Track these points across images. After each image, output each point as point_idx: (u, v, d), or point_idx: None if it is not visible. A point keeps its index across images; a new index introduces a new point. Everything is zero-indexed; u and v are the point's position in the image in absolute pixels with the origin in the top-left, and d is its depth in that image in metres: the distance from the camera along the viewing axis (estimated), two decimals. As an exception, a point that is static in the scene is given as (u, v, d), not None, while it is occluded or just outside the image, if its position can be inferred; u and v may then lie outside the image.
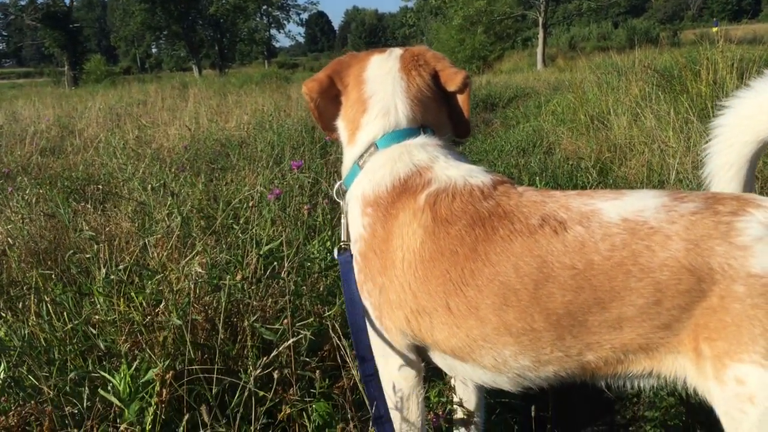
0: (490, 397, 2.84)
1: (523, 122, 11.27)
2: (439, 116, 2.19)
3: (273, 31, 76.06)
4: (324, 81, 2.19)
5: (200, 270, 2.65)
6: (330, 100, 2.23)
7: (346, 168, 2.18)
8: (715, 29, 9.64)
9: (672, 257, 1.57)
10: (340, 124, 2.23)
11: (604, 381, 1.82)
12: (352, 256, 2.01)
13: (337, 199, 2.18)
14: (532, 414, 2.74)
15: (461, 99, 2.17)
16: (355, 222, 2.00)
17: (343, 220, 2.12)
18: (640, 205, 1.66)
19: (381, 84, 2.13)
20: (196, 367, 2.28)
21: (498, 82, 20.77)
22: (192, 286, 2.50)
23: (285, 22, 73.35)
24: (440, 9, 46.99)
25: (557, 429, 2.87)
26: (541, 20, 37.92)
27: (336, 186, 2.19)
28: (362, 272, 1.96)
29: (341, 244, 2.08)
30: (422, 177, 1.93)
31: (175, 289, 2.59)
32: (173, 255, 3.28)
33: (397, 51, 2.23)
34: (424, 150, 2.01)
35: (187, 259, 2.88)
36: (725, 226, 1.56)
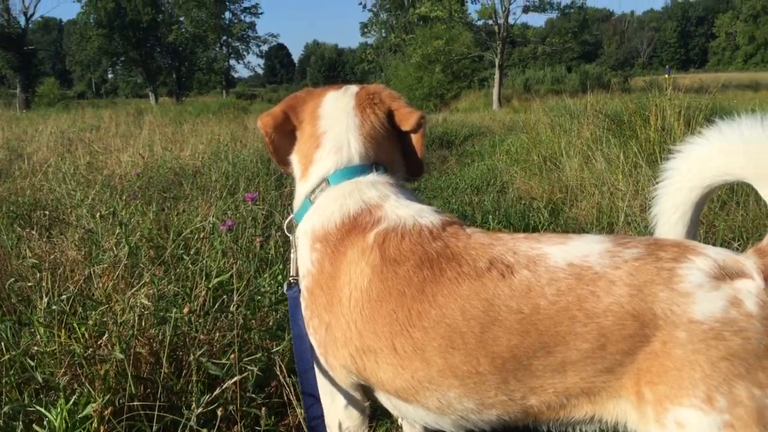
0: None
1: (478, 161, 11.43)
2: (393, 154, 2.19)
3: (232, 62, 75.97)
4: (279, 116, 2.19)
5: (146, 302, 2.58)
6: (285, 134, 2.23)
7: (297, 202, 2.17)
8: (666, 76, 10.00)
9: (616, 302, 1.58)
10: (294, 158, 2.23)
11: (546, 426, 1.82)
12: (299, 291, 1.99)
13: (288, 234, 2.16)
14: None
15: (415, 138, 2.18)
16: (304, 257, 1.99)
17: (292, 255, 2.10)
18: (585, 250, 1.68)
19: (335, 120, 2.13)
20: (137, 403, 2.21)
21: (454, 120, 21.05)
22: (137, 318, 2.43)
23: (245, 53, 73.39)
24: (399, 47, 47.76)
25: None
26: (497, 62, 38.76)
27: (287, 220, 2.18)
28: (309, 308, 1.94)
29: (290, 278, 2.06)
30: (372, 215, 1.93)
31: (119, 321, 2.51)
32: (120, 285, 3.20)
33: (353, 88, 2.24)
34: (374, 188, 2.01)
35: (134, 290, 2.81)
36: (667, 272, 1.59)
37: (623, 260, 1.63)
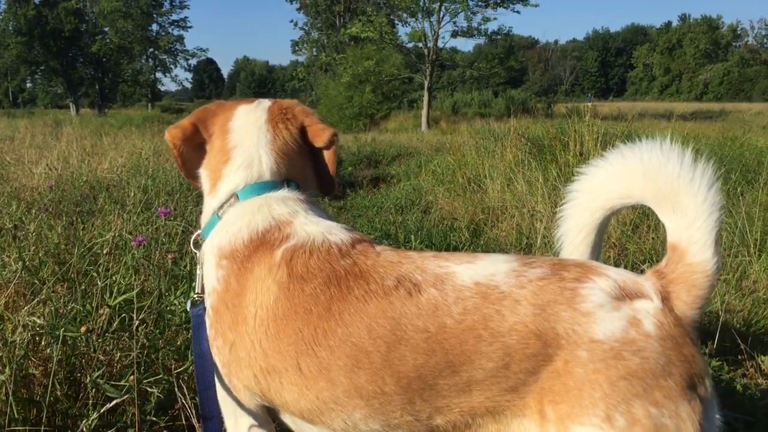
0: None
1: (405, 180, 11.52)
2: (305, 171, 2.16)
3: (159, 74, 74.22)
4: (188, 128, 2.12)
5: (38, 320, 2.44)
6: (194, 147, 2.15)
7: (205, 218, 2.10)
8: (588, 104, 10.38)
9: (521, 322, 1.58)
10: (203, 172, 2.15)
11: None
12: (204, 309, 1.91)
13: (194, 250, 2.08)
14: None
15: (327, 155, 2.15)
16: (210, 274, 1.92)
17: (198, 272, 2.02)
18: (492, 269, 1.68)
19: (246, 135, 2.08)
20: (25, 429, 2.07)
21: (383, 140, 21.19)
22: (29, 338, 2.29)
23: (172, 66, 71.82)
24: (330, 65, 47.83)
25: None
26: (426, 84, 39.25)
27: (194, 236, 2.10)
28: (213, 327, 1.87)
29: (194, 296, 1.98)
30: (281, 231, 1.88)
31: (9, 340, 2.36)
32: (19, 302, 3.02)
33: (266, 102, 2.19)
34: (284, 204, 1.97)
35: (27, 307, 2.65)
36: (570, 292, 1.61)
37: (528, 280, 1.63)
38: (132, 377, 2.19)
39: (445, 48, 41.78)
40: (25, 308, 2.65)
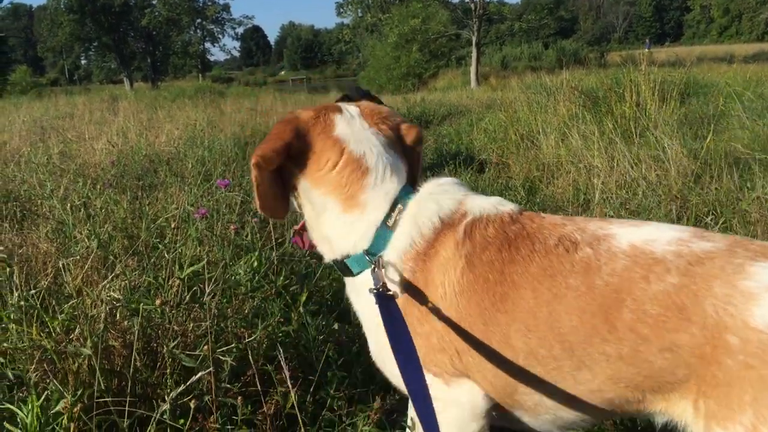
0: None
1: (456, 140, 11.42)
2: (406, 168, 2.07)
3: (207, 45, 74.99)
4: (281, 149, 1.91)
5: (116, 295, 2.55)
6: (273, 173, 1.97)
7: (362, 234, 1.92)
8: (646, 51, 10.06)
9: (663, 291, 1.46)
10: (314, 192, 1.96)
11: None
12: (395, 305, 1.78)
13: (349, 275, 1.97)
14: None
15: (417, 153, 2.11)
16: (397, 284, 1.85)
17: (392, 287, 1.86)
18: (654, 235, 1.59)
19: (365, 142, 1.95)
20: (109, 399, 2.19)
21: (432, 100, 20.99)
22: (108, 311, 2.40)
23: (220, 36, 72.48)
24: (376, 26, 47.42)
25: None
26: (474, 40, 38.62)
27: (335, 258, 1.98)
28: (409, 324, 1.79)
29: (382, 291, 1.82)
30: (458, 212, 1.86)
31: (89, 315, 2.48)
32: (93, 278, 3.16)
33: (353, 108, 2.06)
34: (445, 192, 1.92)
35: (105, 282, 2.77)
36: (733, 266, 1.43)
37: (690, 250, 1.51)
38: (206, 347, 2.28)
39: (492, 1, 40.98)
40: (102, 283, 2.77)
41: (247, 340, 2.59)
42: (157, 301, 2.47)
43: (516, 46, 55.00)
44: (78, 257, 3.21)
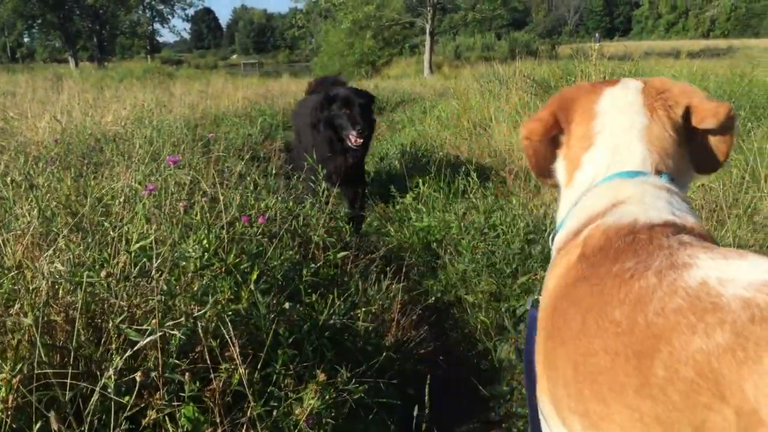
0: (367, 397, 2.82)
1: (409, 126, 11.44)
2: (681, 164, 1.75)
3: (157, 26, 73.35)
4: (548, 120, 1.85)
5: (60, 266, 2.46)
6: (548, 141, 1.89)
7: (561, 214, 1.83)
8: (596, 45, 10.21)
9: (704, 351, 1.05)
10: (560, 165, 1.88)
11: None
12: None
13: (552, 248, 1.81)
14: (414, 413, 2.75)
15: (720, 140, 1.72)
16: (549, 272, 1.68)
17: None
18: (739, 272, 1.15)
19: (616, 119, 1.76)
20: (50, 371, 2.11)
21: (386, 87, 20.99)
22: (50, 284, 2.32)
23: (169, 16, 70.69)
24: (329, 12, 47.03)
25: (435, 427, 2.89)
26: (428, 28, 38.71)
27: (551, 235, 1.86)
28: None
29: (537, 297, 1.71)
30: (605, 211, 1.60)
31: (31, 288, 2.39)
32: (34, 253, 3.05)
33: (635, 83, 1.84)
34: (636, 186, 1.62)
35: (46, 254, 2.68)
36: None
37: (766, 301, 1.04)
38: (154, 321, 2.22)
39: (446, -10, 41.06)
40: (44, 255, 2.67)
41: (195, 315, 2.53)
42: (103, 273, 2.39)
43: (469, 36, 55.39)
44: (19, 232, 3.09)
